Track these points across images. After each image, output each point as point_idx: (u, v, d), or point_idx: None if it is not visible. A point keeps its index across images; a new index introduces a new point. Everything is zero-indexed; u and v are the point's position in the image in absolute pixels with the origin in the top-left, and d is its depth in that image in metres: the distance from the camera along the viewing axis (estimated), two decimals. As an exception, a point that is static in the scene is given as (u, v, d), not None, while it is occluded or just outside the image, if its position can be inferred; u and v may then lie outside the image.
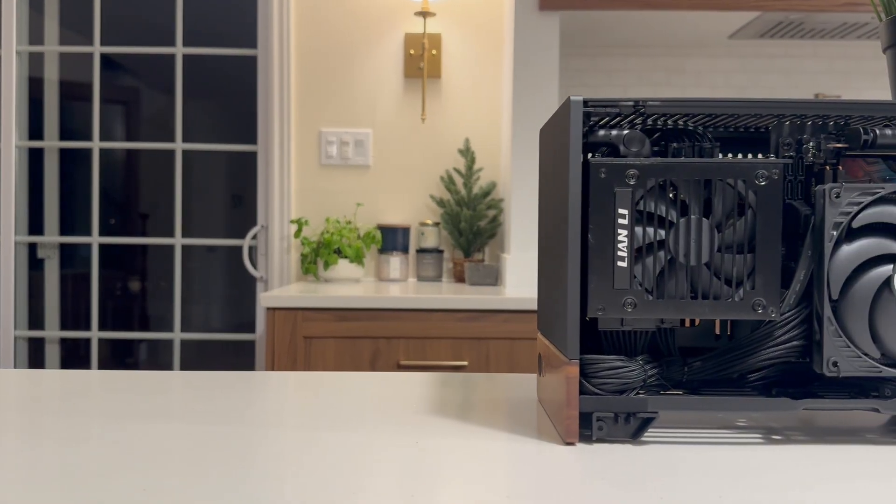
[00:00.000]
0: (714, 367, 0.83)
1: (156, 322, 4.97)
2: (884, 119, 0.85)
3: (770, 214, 0.79)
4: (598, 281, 0.79)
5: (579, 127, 0.77)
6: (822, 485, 0.66)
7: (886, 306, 0.78)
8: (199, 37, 3.30)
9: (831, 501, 0.62)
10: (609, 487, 0.65)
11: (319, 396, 0.99)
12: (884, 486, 0.65)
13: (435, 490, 0.63)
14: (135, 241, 4.51)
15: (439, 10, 3.13)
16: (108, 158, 5.00)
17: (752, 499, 0.62)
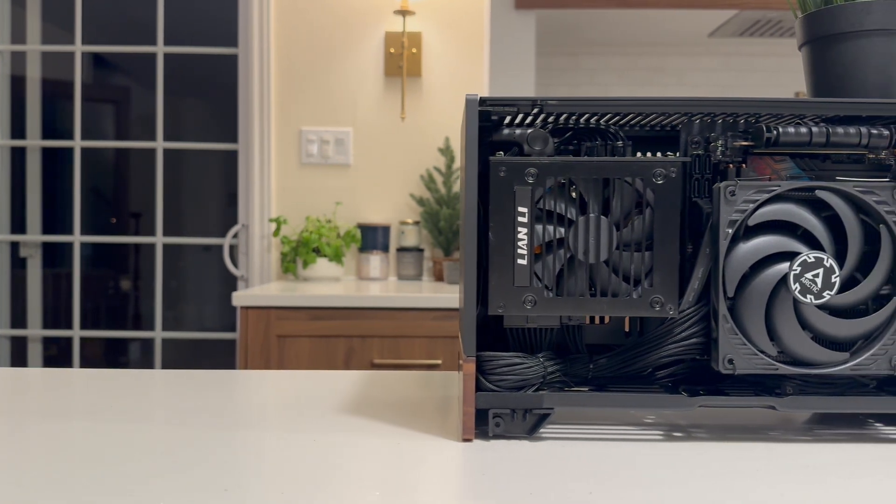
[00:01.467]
0: (618, 364, 0.84)
1: (146, 321, 4.97)
2: (793, 117, 0.85)
3: (668, 213, 0.79)
4: (499, 278, 0.79)
5: (475, 125, 0.77)
6: (696, 481, 0.66)
7: (783, 304, 0.78)
8: (191, 36, 3.31)
9: (695, 498, 0.62)
10: (487, 482, 0.65)
11: (244, 395, 1.00)
12: (752, 482, 0.66)
13: (307, 486, 0.64)
14: (116, 239, 4.51)
15: (419, 9, 3.13)
16: (99, 158, 5.01)
17: (621, 494, 0.62)
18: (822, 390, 0.81)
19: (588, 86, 3.28)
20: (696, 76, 3.18)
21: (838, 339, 0.79)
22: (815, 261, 0.77)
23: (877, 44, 0.86)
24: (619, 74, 3.25)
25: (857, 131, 0.81)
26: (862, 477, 0.68)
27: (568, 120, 0.86)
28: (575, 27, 3.01)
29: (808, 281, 0.77)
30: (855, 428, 0.85)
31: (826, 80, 0.90)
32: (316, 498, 0.61)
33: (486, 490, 0.64)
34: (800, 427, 0.85)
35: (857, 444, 0.78)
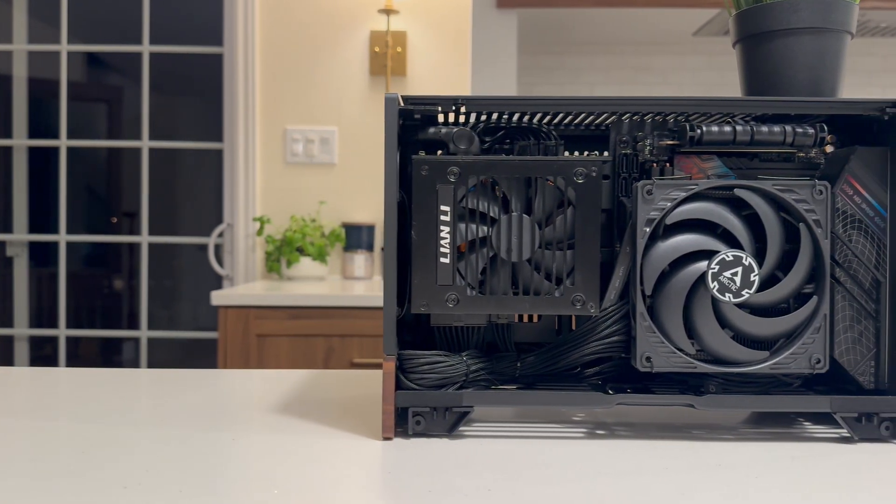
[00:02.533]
0: (544, 362, 0.84)
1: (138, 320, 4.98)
2: (721, 115, 0.86)
3: (589, 211, 0.80)
4: (422, 277, 0.79)
5: (394, 124, 0.77)
6: (602, 479, 0.66)
7: (702, 302, 0.79)
8: (184, 34, 3.31)
9: (591, 495, 0.62)
10: (389, 479, 0.66)
11: (183, 394, 1.00)
12: (657, 480, 0.66)
13: (207, 484, 0.64)
14: (102, 238, 4.52)
15: (404, 8, 3.13)
16: (93, 157, 5.02)
17: (523, 490, 0.63)
18: (744, 389, 0.82)
19: (573, 85, 3.28)
20: (680, 75, 3.18)
21: (760, 337, 0.79)
22: (734, 259, 0.77)
23: (805, 42, 0.86)
24: (605, 73, 3.25)
25: (781, 130, 0.82)
26: (771, 475, 0.68)
27: (500, 119, 0.86)
28: (560, 26, 3.01)
29: (727, 279, 0.77)
30: (782, 427, 0.85)
31: (757, 79, 0.90)
32: (211, 494, 0.61)
33: (384, 486, 0.64)
34: (727, 426, 0.85)
35: (778, 442, 0.79)
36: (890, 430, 0.78)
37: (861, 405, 0.78)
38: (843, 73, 0.89)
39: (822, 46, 0.87)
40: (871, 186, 0.81)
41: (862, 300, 0.81)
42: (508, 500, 0.61)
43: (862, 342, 0.81)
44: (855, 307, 0.81)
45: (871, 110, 0.80)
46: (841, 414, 0.78)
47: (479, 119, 0.86)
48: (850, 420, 0.78)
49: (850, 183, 0.81)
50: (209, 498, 0.60)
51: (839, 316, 0.81)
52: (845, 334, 0.81)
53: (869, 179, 0.81)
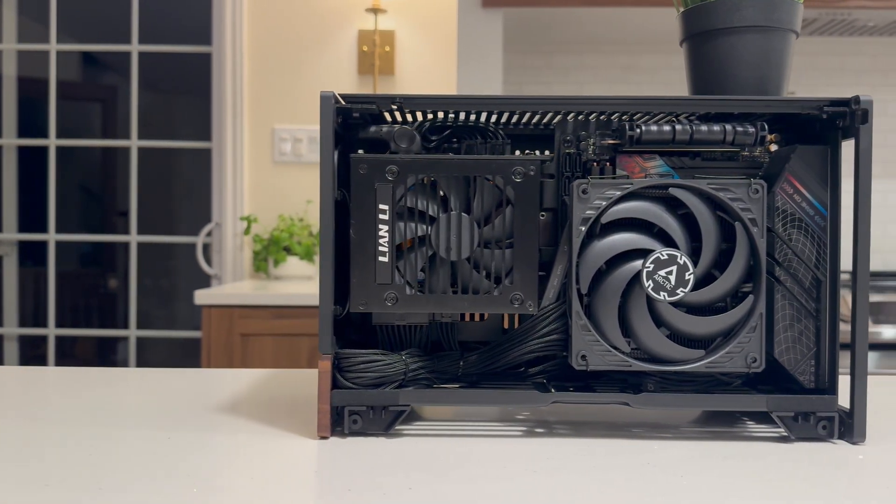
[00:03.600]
0: (485, 361, 0.84)
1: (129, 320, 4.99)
2: (664, 115, 0.86)
3: (527, 210, 0.80)
4: (361, 276, 0.80)
5: (329, 123, 0.77)
6: (524, 477, 0.66)
7: (638, 301, 0.79)
8: (178, 34, 3.32)
9: (508, 493, 0.62)
10: (313, 478, 0.66)
11: (134, 393, 1.00)
12: (578, 479, 0.66)
13: (129, 482, 0.64)
14: (90, 238, 4.53)
15: (392, 7, 3.13)
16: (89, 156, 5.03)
17: (442, 489, 0.63)
18: (683, 388, 0.82)
19: (562, 84, 3.28)
20: (668, 74, 3.17)
21: (696, 336, 0.80)
22: (668, 258, 0.77)
23: (749, 41, 0.86)
24: (594, 73, 3.25)
25: (721, 129, 0.82)
26: (697, 474, 0.68)
27: (446, 118, 0.86)
28: (547, 26, 3.00)
29: (662, 278, 0.77)
30: (724, 426, 0.85)
31: (702, 78, 0.90)
32: (128, 492, 0.61)
33: (303, 485, 0.64)
34: (669, 425, 0.85)
35: (716, 441, 0.79)
36: (827, 429, 0.78)
37: (797, 404, 0.78)
38: (789, 72, 0.89)
39: (766, 45, 0.86)
40: (811, 185, 0.81)
41: (802, 299, 0.81)
42: (427, 498, 0.61)
43: (802, 341, 0.81)
44: (795, 306, 0.81)
45: (811, 109, 0.80)
46: (777, 413, 0.78)
47: (425, 118, 0.86)
48: (787, 419, 0.78)
49: (790, 182, 0.81)
50: (124, 495, 0.60)
51: (779, 315, 0.81)
52: (785, 333, 0.81)
53: (809, 178, 0.81)
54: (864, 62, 3.18)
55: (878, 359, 2.48)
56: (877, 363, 2.48)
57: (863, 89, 3.20)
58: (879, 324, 2.46)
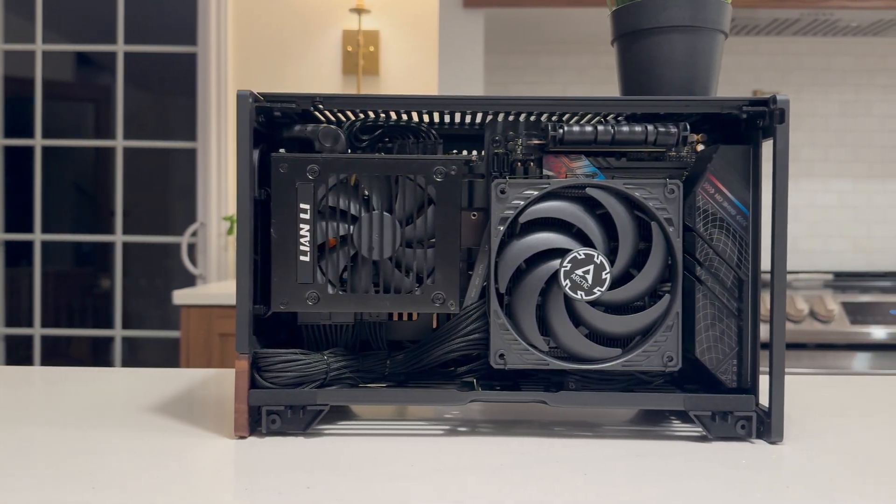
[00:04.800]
0: (410, 360, 0.84)
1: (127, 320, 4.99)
2: (594, 115, 0.86)
3: (449, 210, 0.80)
4: (282, 275, 0.80)
5: (246, 121, 0.77)
6: (433, 476, 0.67)
7: (555, 300, 0.79)
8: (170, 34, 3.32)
9: (411, 492, 0.63)
10: (215, 478, 0.66)
11: (70, 392, 1.01)
12: (484, 477, 0.66)
13: (28, 480, 0.64)
14: (77, 238, 4.53)
15: (377, 8, 3.14)
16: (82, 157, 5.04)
17: (339, 488, 0.63)
18: (604, 386, 0.82)
19: (547, 84, 3.27)
20: (653, 74, 3.17)
21: (614, 335, 0.80)
22: (585, 257, 0.77)
23: (676, 40, 0.86)
24: (579, 73, 3.25)
25: (642, 129, 0.82)
26: (601, 472, 0.68)
27: (377, 117, 0.87)
28: (531, 26, 3.00)
29: (579, 277, 0.77)
30: (650, 425, 0.85)
31: (631, 77, 0.90)
32: (24, 489, 0.62)
33: (202, 485, 0.65)
34: (594, 423, 0.85)
35: (634, 440, 0.79)
36: (746, 428, 0.78)
37: (715, 404, 0.78)
38: (717, 72, 0.89)
39: (693, 45, 0.87)
40: (732, 185, 0.81)
41: (724, 298, 0.81)
42: (321, 496, 0.61)
43: (724, 340, 0.81)
44: (717, 305, 0.81)
45: (730, 109, 0.80)
46: (695, 412, 0.78)
47: (357, 117, 0.87)
48: (706, 418, 0.78)
49: (712, 181, 0.81)
50: (13, 494, 0.61)
51: (700, 314, 0.81)
52: (706, 333, 0.81)
53: (731, 178, 0.81)
54: (849, 62, 3.18)
55: (869, 359, 2.47)
56: (869, 364, 2.48)
57: (848, 89, 3.20)
58: (867, 324, 2.45)
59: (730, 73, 3.20)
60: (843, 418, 0.89)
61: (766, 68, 3.19)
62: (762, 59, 3.19)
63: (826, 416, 0.90)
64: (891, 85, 3.18)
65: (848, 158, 3.19)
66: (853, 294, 2.54)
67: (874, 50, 3.16)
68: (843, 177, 3.20)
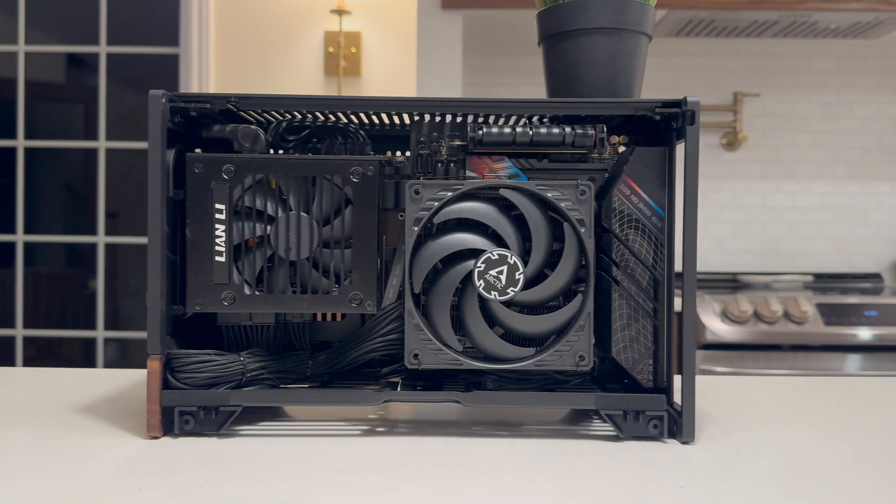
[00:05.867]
0: (331, 360, 0.84)
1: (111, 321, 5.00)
2: (511, 116, 0.86)
3: (366, 211, 0.80)
4: (197, 275, 0.80)
5: (157, 121, 0.78)
6: (330, 475, 0.67)
7: (470, 300, 0.79)
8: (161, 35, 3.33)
9: (298, 490, 0.63)
10: (114, 478, 0.66)
11: (14, 391, 1.01)
12: (382, 477, 0.67)
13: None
14: (58, 238, 4.54)
15: (358, 9, 3.14)
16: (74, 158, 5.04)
17: (230, 488, 0.63)
18: (520, 386, 0.82)
19: (528, 86, 3.28)
20: (634, 76, 3.17)
21: (529, 335, 0.80)
22: (499, 258, 0.77)
23: (597, 42, 0.87)
24: (560, 74, 3.24)
25: (560, 131, 0.82)
26: (503, 471, 0.68)
27: (304, 118, 0.87)
28: (512, 28, 3.01)
29: (493, 278, 0.77)
30: (570, 424, 0.85)
31: (556, 79, 0.90)
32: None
33: (98, 484, 0.65)
34: (513, 423, 0.85)
35: (549, 439, 0.79)
36: (658, 428, 0.78)
37: (626, 403, 0.78)
38: (641, 74, 0.90)
39: (615, 47, 0.87)
40: (648, 186, 0.82)
41: (640, 298, 0.82)
42: (210, 496, 0.61)
43: (640, 340, 0.81)
44: (633, 305, 0.81)
45: (644, 111, 0.80)
46: (606, 411, 0.78)
47: (283, 118, 0.87)
48: (618, 417, 0.79)
49: (628, 183, 0.82)
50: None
51: (616, 314, 0.82)
52: (622, 332, 0.82)
53: (646, 179, 0.82)
54: (830, 64, 3.18)
55: (845, 361, 2.48)
56: (844, 365, 2.48)
57: (829, 91, 3.20)
58: (842, 326, 2.45)
59: (710, 74, 3.20)
60: (768, 419, 0.89)
61: (746, 70, 3.20)
62: (743, 60, 3.19)
63: (751, 416, 0.90)
64: (872, 87, 3.18)
65: (829, 160, 3.19)
66: (830, 295, 2.54)
67: (855, 52, 3.17)
68: (824, 178, 3.20)
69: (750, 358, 2.42)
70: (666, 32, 3.08)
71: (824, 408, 0.97)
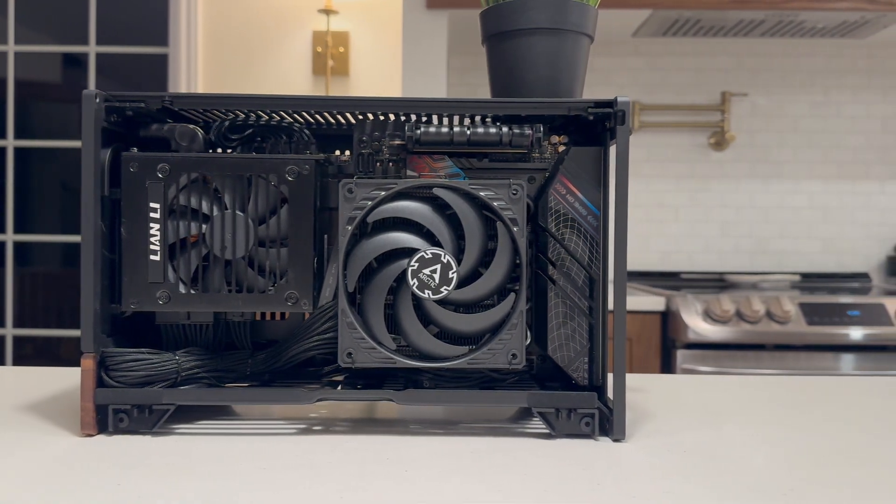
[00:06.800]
0: (269, 359, 0.85)
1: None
2: (450, 116, 0.86)
3: (302, 209, 0.81)
4: (132, 274, 0.80)
5: (91, 119, 0.78)
6: (253, 473, 0.67)
7: (404, 299, 0.79)
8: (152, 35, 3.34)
9: (208, 490, 0.63)
10: (39, 476, 0.67)
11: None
12: (308, 475, 0.67)
13: None
14: (49, 238, 4.55)
15: (346, 9, 3.15)
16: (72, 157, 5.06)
17: (148, 486, 0.64)
18: (456, 384, 0.82)
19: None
20: (622, 76, 3.17)
21: (463, 333, 0.80)
22: (433, 257, 0.77)
23: (536, 43, 0.87)
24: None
25: (497, 131, 0.82)
26: (425, 469, 0.68)
27: (247, 117, 0.87)
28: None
29: (426, 276, 0.78)
30: (508, 423, 0.86)
31: (498, 78, 0.90)
32: None
33: (16, 481, 0.65)
34: (452, 420, 0.86)
35: (483, 437, 0.79)
36: (590, 425, 0.79)
37: (557, 401, 0.79)
38: (583, 75, 0.90)
39: (555, 48, 0.87)
40: (584, 185, 0.82)
41: (575, 297, 0.82)
42: (126, 494, 0.62)
43: (575, 339, 0.82)
44: (568, 304, 0.82)
45: (577, 111, 0.80)
46: (538, 409, 0.79)
47: (226, 117, 0.87)
48: (550, 415, 0.79)
49: (563, 182, 0.82)
50: None
51: (552, 313, 0.82)
52: (558, 331, 0.82)
53: (582, 179, 0.82)
54: (818, 63, 3.18)
55: (843, 360, 2.47)
56: (843, 365, 2.47)
57: (818, 90, 3.20)
58: (825, 325, 2.45)
59: (698, 74, 3.20)
60: (715, 418, 0.89)
61: (735, 69, 3.19)
62: (731, 60, 3.19)
63: (698, 415, 0.90)
64: (860, 86, 3.18)
65: (818, 159, 3.19)
66: (813, 295, 2.54)
67: (843, 51, 3.16)
68: (813, 178, 3.20)
69: (733, 357, 2.42)
70: (652, 32, 3.08)
71: (778, 408, 0.96)
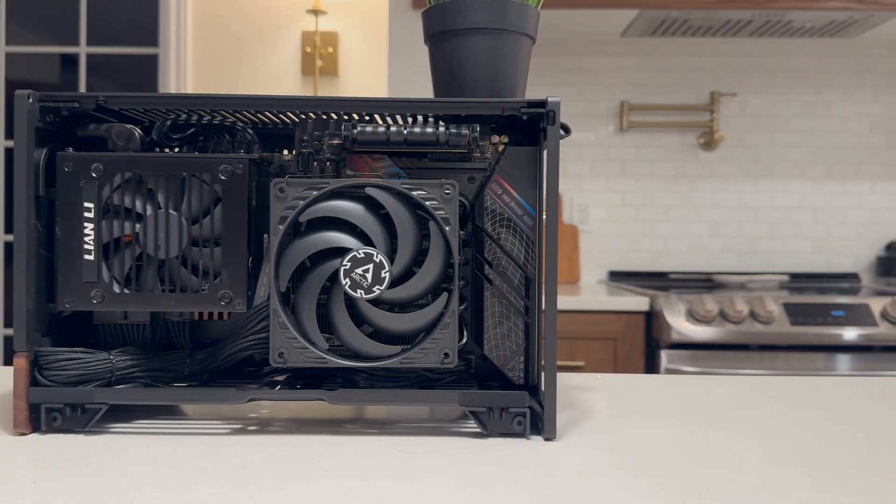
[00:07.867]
0: (206, 359, 0.85)
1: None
2: (389, 115, 0.86)
3: (235, 209, 0.81)
4: (67, 274, 0.81)
5: (24, 121, 0.78)
6: (176, 473, 0.67)
7: (337, 299, 0.79)
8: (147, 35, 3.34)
9: (129, 489, 0.63)
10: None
11: None
12: (232, 476, 0.67)
13: None
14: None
15: (335, 9, 3.15)
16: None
17: (63, 484, 0.64)
18: (390, 383, 0.82)
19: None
20: (611, 76, 3.17)
21: (398, 333, 0.80)
22: (365, 256, 0.77)
23: (476, 42, 0.87)
24: (538, 76, 3.24)
25: (434, 130, 0.82)
26: (347, 468, 0.68)
27: (190, 116, 0.87)
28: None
29: (359, 276, 0.78)
30: (445, 422, 0.86)
31: (440, 78, 0.90)
32: None
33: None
34: (388, 420, 0.86)
35: (413, 437, 0.79)
36: (522, 424, 0.79)
37: (488, 400, 0.78)
38: (524, 75, 0.89)
39: (496, 48, 0.87)
40: (519, 185, 0.82)
41: (511, 297, 0.82)
42: (41, 492, 0.62)
43: (511, 338, 0.82)
44: (504, 303, 0.82)
45: (511, 111, 0.80)
46: (470, 408, 0.79)
47: (168, 117, 0.87)
48: (482, 414, 0.79)
49: (499, 182, 0.82)
50: None
51: (488, 312, 0.82)
52: (494, 330, 0.82)
53: (517, 178, 0.82)
54: (808, 63, 3.17)
55: (826, 361, 2.46)
56: (826, 366, 2.47)
57: (808, 90, 3.19)
58: (808, 325, 2.44)
59: (687, 73, 3.19)
60: (657, 418, 0.88)
61: (724, 69, 3.19)
62: (720, 60, 3.19)
63: (641, 415, 0.90)
64: (850, 86, 3.17)
65: (808, 159, 3.18)
66: (797, 295, 2.53)
67: (833, 51, 3.15)
68: (803, 178, 3.19)
69: (717, 358, 2.41)
70: (640, 32, 3.08)
71: (729, 407, 0.96)
